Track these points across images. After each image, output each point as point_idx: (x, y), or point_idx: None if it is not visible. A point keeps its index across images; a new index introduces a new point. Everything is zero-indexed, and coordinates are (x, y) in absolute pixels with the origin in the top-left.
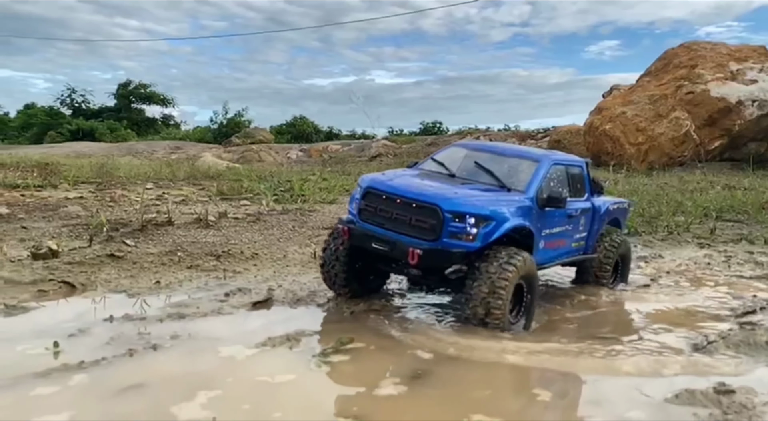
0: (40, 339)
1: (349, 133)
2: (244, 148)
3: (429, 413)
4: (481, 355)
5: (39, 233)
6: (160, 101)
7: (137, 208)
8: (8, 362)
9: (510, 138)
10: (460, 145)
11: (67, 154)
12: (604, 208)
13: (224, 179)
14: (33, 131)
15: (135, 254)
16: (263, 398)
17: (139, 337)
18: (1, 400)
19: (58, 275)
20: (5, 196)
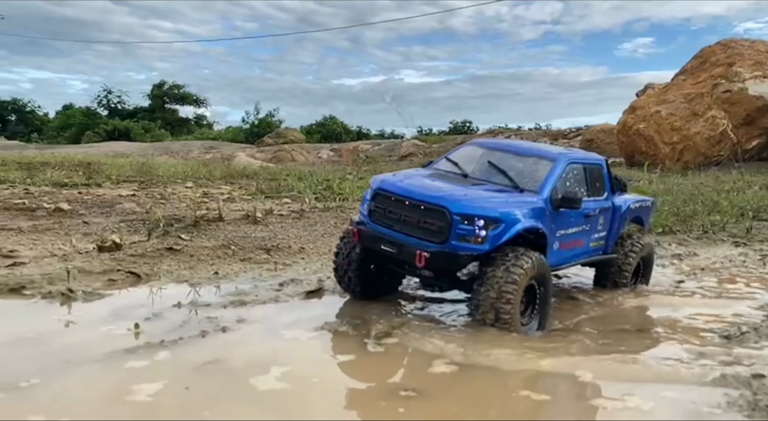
0: (120, 322)
1: (378, 133)
2: (277, 148)
3: (478, 388)
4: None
5: (100, 228)
6: (193, 102)
7: (187, 205)
8: (98, 341)
9: (542, 137)
10: (475, 144)
11: (106, 153)
12: (625, 207)
13: (260, 178)
14: (71, 131)
15: (191, 247)
16: (330, 374)
17: (208, 321)
18: (101, 371)
19: (124, 265)
20: (64, 194)
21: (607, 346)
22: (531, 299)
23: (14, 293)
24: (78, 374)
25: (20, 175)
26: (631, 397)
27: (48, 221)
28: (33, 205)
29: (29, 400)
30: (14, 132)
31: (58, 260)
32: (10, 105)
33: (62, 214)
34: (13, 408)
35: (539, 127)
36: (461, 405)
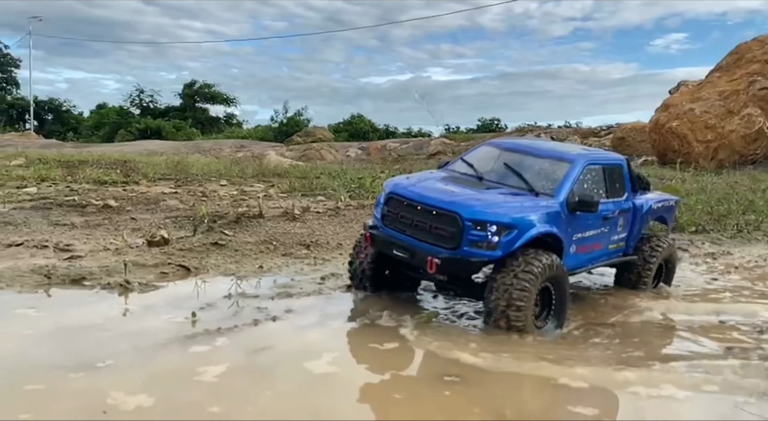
0: (177, 311)
1: (405, 131)
2: (306, 147)
3: (510, 368)
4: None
5: (147, 224)
6: (223, 101)
7: (228, 203)
8: (160, 328)
9: (572, 135)
10: (491, 144)
11: (140, 151)
12: (647, 207)
13: (292, 177)
14: (105, 130)
15: (235, 242)
16: (377, 360)
17: (258, 310)
18: (168, 355)
19: (174, 259)
20: (110, 192)
21: (628, 351)
22: (547, 301)
23: (76, 283)
24: (148, 357)
25: (61, 173)
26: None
27: (98, 217)
28: (83, 202)
29: (108, 378)
30: (51, 131)
31: (113, 254)
32: (46, 104)
33: (111, 210)
34: (96, 385)
35: (569, 125)
36: (502, 389)
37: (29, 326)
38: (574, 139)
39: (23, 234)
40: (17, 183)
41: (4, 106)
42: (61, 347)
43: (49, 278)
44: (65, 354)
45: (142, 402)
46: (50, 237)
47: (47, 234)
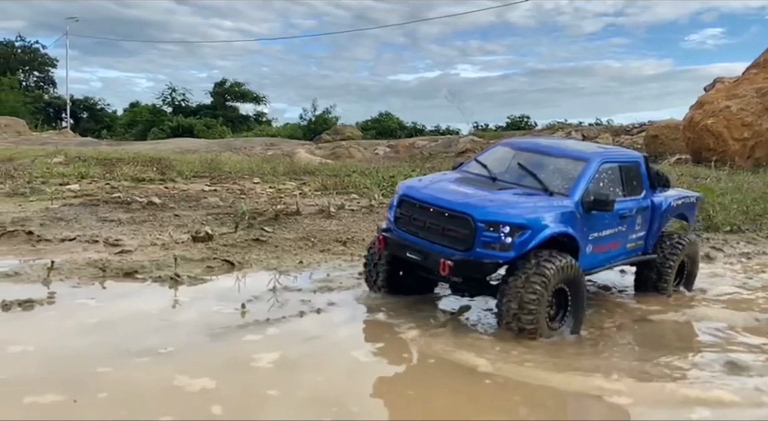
0: (225, 302)
1: (433, 129)
2: (334, 145)
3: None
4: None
5: (189, 220)
6: (253, 99)
7: (265, 200)
8: (212, 318)
9: (603, 133)
10: (505, 144)
11: (173, 149)
12: (666, 205)
13: (322, 175)
14: (138, 128)
15: (275, 239)
16: (421, 350)
17: (302, 303)
18: (223, 343)
19: (219, 254)
20: (152, 189)
21: (648, 360)
22: (562, 303)
23: (128, 276)
24: (204, 345)
25: (100, 171)
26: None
27: (143, 213)
28: (128, 199)
29: (171, 363)
30: (86, 129)
31: (160, 249)
32: (82, 103)
33: (155, 207)
34: (161, 369)
35: (600, 122)
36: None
37: (91, 315)
38: (605, 137)
39: (75, 229)
40: (59, 180)
41: (42, 105)
42: (123, 335)
43: (104, 271)
44: (128, 341)
45: (206, 384)
46: (99, 232)
47: (96, 230)
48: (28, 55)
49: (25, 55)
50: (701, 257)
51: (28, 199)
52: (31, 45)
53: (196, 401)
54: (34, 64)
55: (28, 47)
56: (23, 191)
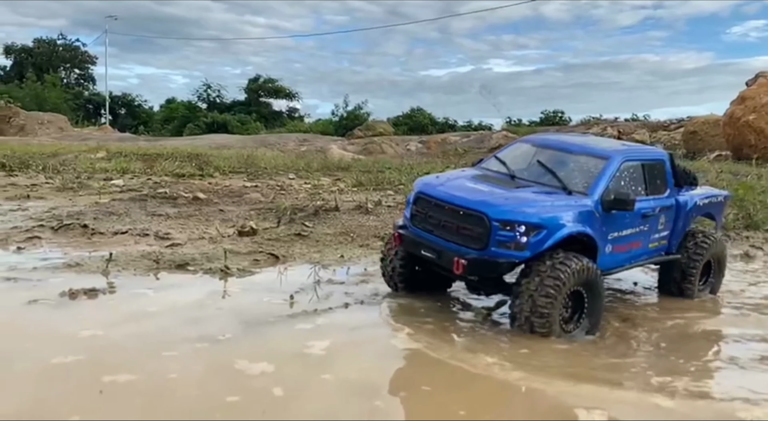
0: (273, 294)
1: (465, 124)
2: (367, 141)
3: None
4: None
5: (234, 215)
6: (286, 95)
7: (304, 196)
8: (263, 308)
9: (639, 129)
10: (526, 141)
11: (209, 145)
12: (691, 204)
13: (355, 171)
14: (174, 124)
15: (315, 233)
16: (461, 332)
17: (346, 295)
18: (277, 331)
19: (264, 248)
20: (196, 184)
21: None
22: (579, 305)
23: (181, 268)
24: (259, 332)
25: (141, 166)
26: None
27: (189, 208)
28: (174, 194)
29: (231, 349)
30: (123, 124)
31: (209, 242)
32: (120, 99)
33: (200, 202)
34: (221, 354)
35: (636, 117)
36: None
37: (151, 303)
38: (642, 133)
39: (126, 223)
40: (103, 175)
41: (82, 102)
42: (182, 323)
43: (158, 263)
44: (187, 328)
45: (264, 368)
46: (149, 226)
47: (146, 223)
48: (69, 53)
49: (67, 53)
50: (741, 256)
51: (77, 193)
52: (72, 43)
53: (258, 383)
54: (75, 62)
55: (69, 45)
56: (72, 186)
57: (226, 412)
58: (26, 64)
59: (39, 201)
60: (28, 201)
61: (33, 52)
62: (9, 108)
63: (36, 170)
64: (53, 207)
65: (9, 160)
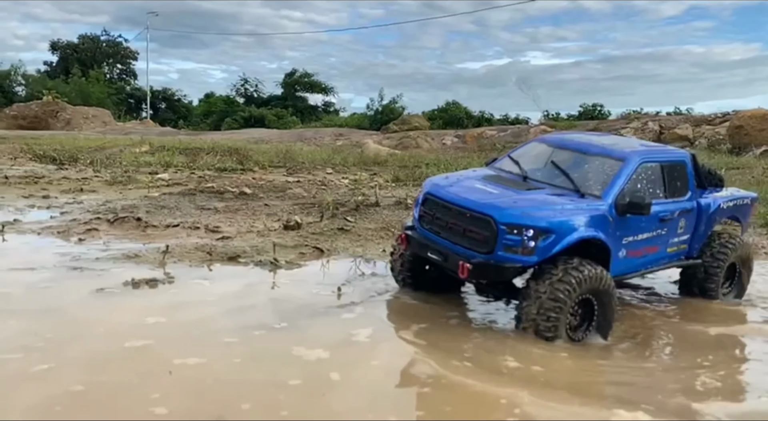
0: (321, 285)
1: (502, 117)
2: (402, 135)
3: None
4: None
5: (278, 209)
6: (322, 90)
7: (345, 192)
8: (313, 299)
9: (682, 123)
10: (541, 140)
11: (247, 139)
12: (714, 207)
13: (392, 166)
14: (212, 118)
15: (357, 228)
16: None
17: (387, 287)
18: (326, 320)
19: (309, 242)
20: (241, 179)
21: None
22: (588, 313)
23: (232, 260)
24: (311, 321)
25: (183, 160)
26: None
27: (236, 202)
28: (221, 189)
29: (286, 336)
30: (164, 119)
31: (257, 235)
32: (160, 94)
33: (246, 197)
34: (278, 341)
35: (679, 111)
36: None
37: (208, 293)
38: (684, 128)
39: (177, 216)
40: (148, 169)
41: (124, 96)
42: (238, 311)
43: (210, 255)
44: (243, 316)
45: (320, 354)
46: (199, 219)
47: (196, 217)
48: (112, 48)
49: (110, 48)
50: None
51: (126, 187)
52: (115, 39)
53: (314, 368)
54: (118, 58)
55: (112, 41)
56: (121, 180)
57: (291, 394)
58: (71, 59)
59: (92, 194)
60: (82, 194)
61: (78, 48)
62: (56, 103)
63: (84, 164)
64: (107, 200)
65: (59, 154)
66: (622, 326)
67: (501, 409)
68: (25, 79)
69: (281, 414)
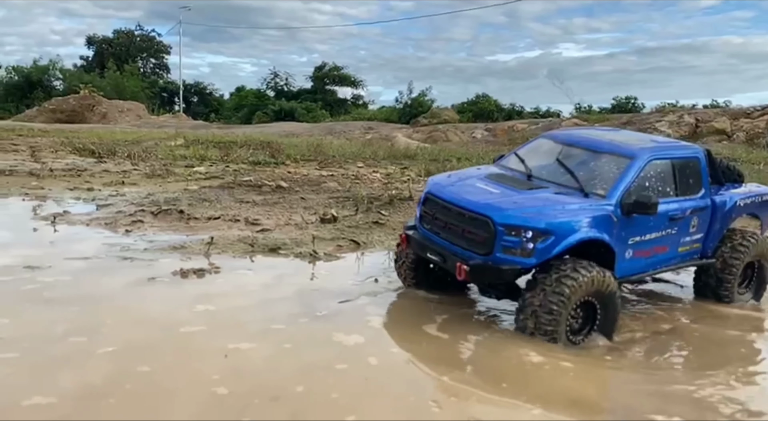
0: (358, 276)
1: (533, 110)
2: (431, 128)
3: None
4: None
5: (314, 203)
6: (351, 83)
7: (378, 186)
8: (351, 289)
9: (719, 116)
10: (548, 137)
11: (278, 133)
12: (731, 204)
13: (422, 159)
14: (243, 112)
15: (391, 222)
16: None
17: None
18: (366, 309)
19: (346, 234)
20: (277, 173)
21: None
22: (590, 316)
23: (273, 252)
24: (351, 310)
25: (217, 154)
26: None
27: (273, 196)
28: (259, 182)
29: (329, 323)
30: (196, 112)
31: (295, 228)
32: (193, 87)
33: (283, 190)
34: (321, 327)
35: (717, 104)
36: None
37: (253, 283)
38: (722, 121)
39: (217, 209)
40: (184, 162)
41: (157, 90)
42: (282, 300)
43: (252, 247)
44: (287, 305)
45: (358, 340)
46: (239, 212)
47: (236, 210)
48: (145, 43)
49: (143, 43)
50: None
51: (165, 180)
52: (148, 33)
53: (354, 353)
54: (151, 52)
55: (146, 36)
56: (159, 173)
57: (339, 377)
58: (106, 54)
59: (133, 187)
60: (124, 187)
61: (112, 43)
62: (93, 97)
63: (122, 157)
64: (150, 193)
65: (98, 148)
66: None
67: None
68: (62, 73)
69: (332, 397)
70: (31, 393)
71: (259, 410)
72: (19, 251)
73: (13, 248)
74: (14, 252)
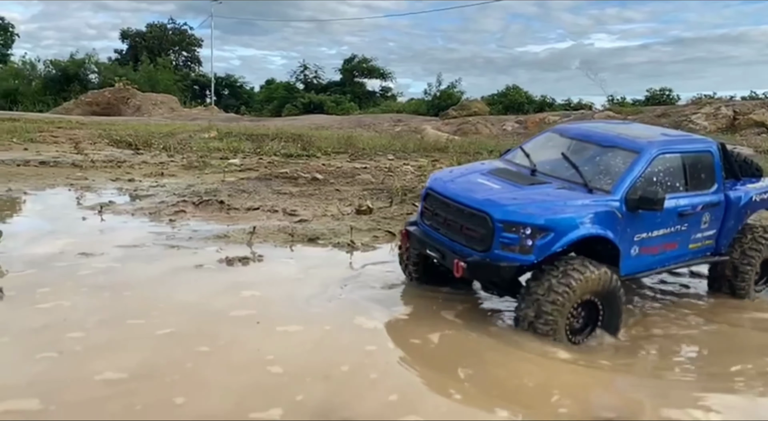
0: (394, 265)
1: (564, 102)
2: (461, 121)
3: None
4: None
5: (349, 195)
6: (380, 75)
7: (411, 178)
8: (388, 277)
9: (758, 108)
10: (555, 131)
11: (308, 125)
12: (746, 199)
13: (452, 152)
14: (273, 104)
15: None
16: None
17: None
18: (401, 295)
19: (381, 225)
20: (311, 165)
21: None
22: (592, 316)
23: (312, 242)
24: (386, 295)
25: (250, 146)
26: None
27: (309, 187)
28: (294, 175)
29: (366, 308)
30: (226, 105)
31: (332, 219)
32: (223, 80)
33: (318, 182)
34: (361, 312)
35: (755, 95)
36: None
37: (294, 270)
38: (760, 113)
39: (256, 200)
40: (219, 154)
41: (189, 83)
42: (322, 287)
43: (292, 237)
44: (328, 291)
45: (395, 324)
46: (277, 203)
47: (274, 201)
48: (177, 36)
49: (176, 36)
50: None
51: (202, 172)
52: (180, 27)
53: (389, 336)
54: (183, 45)
55: (178, 29)
56: (196, 165)
57: (374, 358)
58: (140, 47)
59: (171, 178)
60: (163, 178)
61: (146, 37)
62: (127, 90)
63: (158, 149)
64: (189, 184)
65: (134, 140)
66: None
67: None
68: (97, 67)
69: (371, 377)
70: (102, 368)
71: (311, 387)
72: (72, 239)
73: (66, 235)
74: (67, 240)
